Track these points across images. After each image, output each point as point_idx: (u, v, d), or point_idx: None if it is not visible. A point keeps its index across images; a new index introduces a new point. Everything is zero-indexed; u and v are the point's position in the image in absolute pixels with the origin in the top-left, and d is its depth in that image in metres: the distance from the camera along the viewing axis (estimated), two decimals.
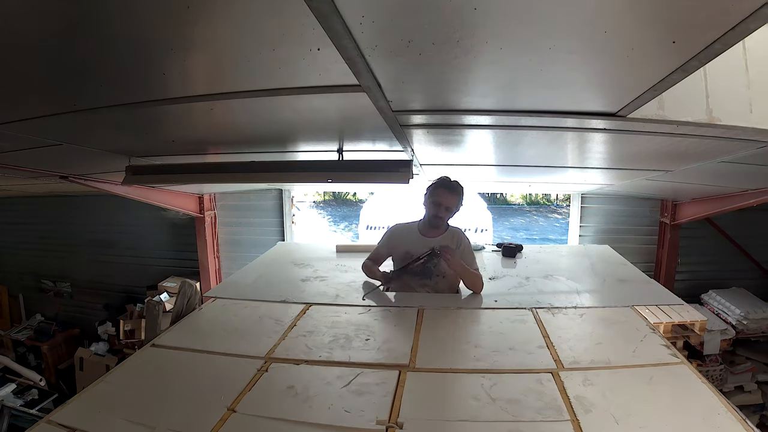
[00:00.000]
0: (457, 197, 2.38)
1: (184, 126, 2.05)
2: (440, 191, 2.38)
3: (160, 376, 1.69)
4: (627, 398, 1.43)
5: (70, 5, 0.92)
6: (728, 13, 0.83)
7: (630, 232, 4.60)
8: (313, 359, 1.74)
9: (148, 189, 3.92)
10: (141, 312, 4.77)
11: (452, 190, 2.37)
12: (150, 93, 1.47)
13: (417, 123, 1.79)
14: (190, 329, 2.13)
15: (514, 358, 1.73)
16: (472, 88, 1.39)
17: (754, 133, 1.57)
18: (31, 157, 2.41)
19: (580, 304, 2.31)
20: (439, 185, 2.40)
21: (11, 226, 5.87)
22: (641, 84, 1.24)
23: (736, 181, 2.96)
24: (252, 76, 1.33)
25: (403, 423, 1.32)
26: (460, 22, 0.92)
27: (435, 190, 2.39)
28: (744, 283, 4.32)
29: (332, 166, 2.33)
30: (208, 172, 2.60)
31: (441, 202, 2.37)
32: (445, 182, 2.40)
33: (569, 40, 1.01)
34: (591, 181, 3.73)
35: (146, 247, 5.33)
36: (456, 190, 2.38)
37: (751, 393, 3.96)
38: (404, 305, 2.28)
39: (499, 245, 3.43)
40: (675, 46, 0.99)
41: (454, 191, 2.38)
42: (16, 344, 5.50)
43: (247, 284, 2.74)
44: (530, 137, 2.08)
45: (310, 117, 1.80)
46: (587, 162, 2.78)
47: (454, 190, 2.38)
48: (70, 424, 1.34)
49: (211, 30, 1.05)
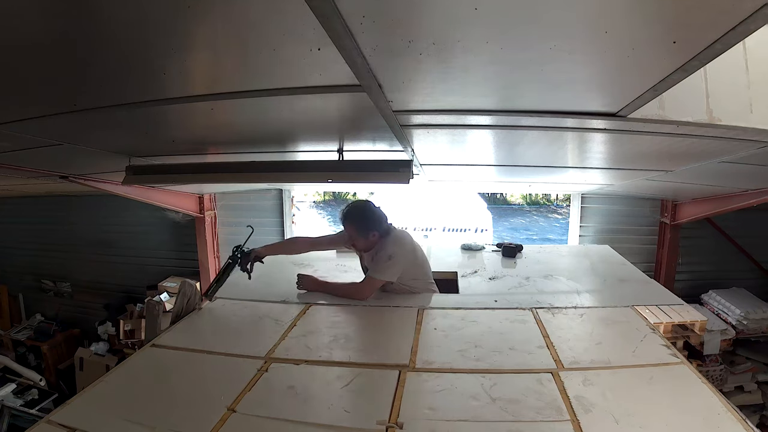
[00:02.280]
0: (351, 226, 2.41)
1: (184, 126, 2.05)
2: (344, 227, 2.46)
3: (160, 376, 1.69)
4: (627, 398, 1.43)
5: (70, 5, 0.92)
6: (729, 14, 0.83)
7: (630, 232, 4.60)
8: (313, 359, 1.74)
9: (148, 189, 3.93)
10: (141, 312, 4.77)
11: (344, 222, 2.44)
12: (150, 93, 1.46)
13: (417, 123, 1.79)
14: (190, 329, 2.13)
15: (514, 358, 1.73)
16: (472, 88, 1.39)
17: (755, 133, 1.57)
18: (31, 157, 2.41)
19: (580, 304, 2.31)
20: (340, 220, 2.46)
21: (11, 226, 5.87)
22: (641, 84, 1.24)
23: (737, 181, 2.96)
24: (252, 76, 1.33)
25: (403, 423, 1.32)
26: (460, 22, 0.92)
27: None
28: (744, 283, 4.32)
29: (332, 166, 2.33)
30: (208, 172, 2.59)
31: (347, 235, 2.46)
32: (341, 217, 2.45)
33: (570, 40, 1.01)
34: (591, 181, 3.73)
35: (146, 247, 5.34)
36: (348, 220, 2.42)
37: (751, 393, 3.97)
38: (404, 305, 2.28)
39: (499, 245, 3.43)
40: (675, 46, 0.99)
41: (347, 223, 2.42)
42: (16, 344, 5.51)
43: (247, 284, 2.74)
44: (530, 137, 2.08)
45: (310, 117, 1.80)
46: (587, 162, 2.78)
47: (346, 222, 2.43)
48: (70, 424, 1.34)
49: (212, 30, 1.05)
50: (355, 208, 2.44)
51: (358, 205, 2.47)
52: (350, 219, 2.41)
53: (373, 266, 2.38)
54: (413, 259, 2.44)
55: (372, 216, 2.39)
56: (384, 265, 2.33)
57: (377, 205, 2.46)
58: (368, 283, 2.36)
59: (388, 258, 2.33)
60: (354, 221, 2.40)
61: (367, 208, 2.43)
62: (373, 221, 2.38)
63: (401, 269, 2.36)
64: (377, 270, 2.34)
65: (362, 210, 2.42)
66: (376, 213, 2.40)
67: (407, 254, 2.42)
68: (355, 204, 2.48)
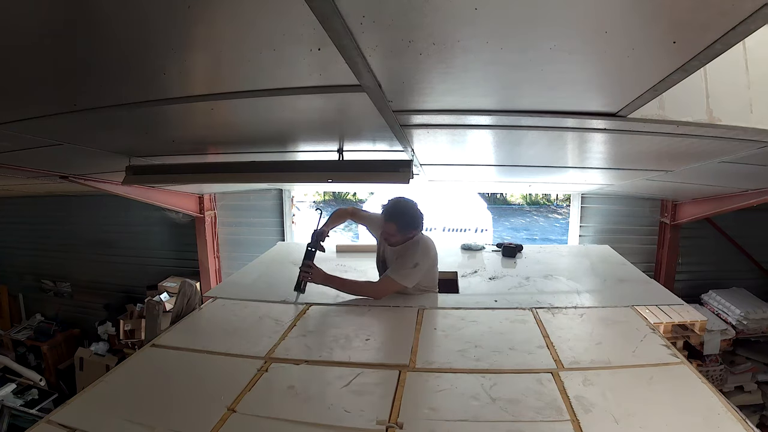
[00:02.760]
0: (394, 222, 2.36)
1: (184, 126, 2.05)
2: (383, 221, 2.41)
3: (160, 376, 1.69)
4: (627, 398, 1.43)
5: (70, 5, 0.92)
6: (729, 14, 0.83)
7: (630, 232, 4.60)
8: (313, 359, 1.74)
9: (148, 189, 3.93)
10: (141, 312, 4.77)
11: (387, 220, 2.38)
12: (150, 93, 1.46)
13: (417, 123, 1.79)
14: (190, 329, 2.13)
15: (514, 358, 1.73)
16: (472, 88, 1.39)
17: (755, 133, 1.57)
18: (31, 157, 2.41)
19: (580, 304, 2.31)
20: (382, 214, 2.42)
21: (11, 226, 5.87)
22: (641, 84, 1.24)
23: (737, 181, 2.96)
24: (252, 76, 1.33)
25: (403, 423, 1.32)
26: (460, 22, 0.92)
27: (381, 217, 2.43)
28: (744, 283, 4.32)
29: (332, 166, 2.33)
30: (208, 172, 2.60)
31: (383, 228, 2.41)
32: (384, 212, 2.40)
33: (570, 40, 1.01)
34: (591, 181, 3.73)
35: (146, 247, 5.34)
36: (392, 218, 2.37)
37: (751, 393, 3.96)
38: (404, 305, 2.28)
39: (499, 245, 3.43)
40: (675, 46, 0.99)
41: (390, 220, 2.37)
42: (16, 344, 5.51)
43: (247, 284, 2.74)
44: (530, 137, 2.08)
45: (310, 117, 1.80)
46: (587, 162, 2.78)
47: (389, 219, 2.37)
48: (70, 424, 1.34)
49: (212, 30, 1.05)
50: (403, 205, 2.40)
51: (406, 203, 2.41)
52: (395, 215, 2.37)
53: (396, 267, 2.36)
54: (430, 268, 2.45)
55: (417, 216, 2.39)
56: (408, 271, 2.32)
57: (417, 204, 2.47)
58: (387, 284, 2.36)
59: (414, 265, 2.32)
60: (399, 218, 2.36)
61: (413, 207, 2.41)
62: (416, 222, 2.39)
63: (420, 278, 2.37)
64: (400, 274, 2.33)
65: (410, 209, 2.39)
66: (420, 214, 2.40)
67: (430, 265, 2.43)
68: (402, 201, 2.42)
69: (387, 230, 2.38)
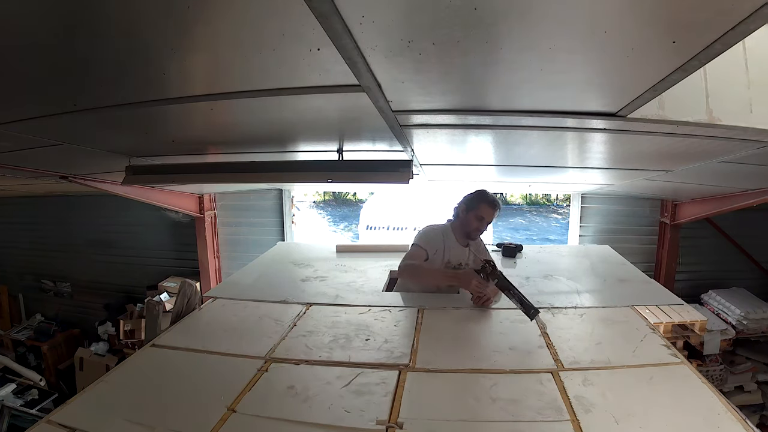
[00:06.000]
0: (494, 212, 2.45)
1: (184, 126, 2.05)
2: (485, 208, 2.41)
3: (160, 376, 1.69)
4: (627, 398, 1.43)
5: (70, 5, 0.92)
6: (728, 14, 0.83)
7: (630, 232, 4.60)
8: (313, 359, 1.74)
9: (148, 189, 3.93)
10: (141, 312, 4.77)
11: (495, 208, 2.44)
12: (150, 93, 1.46)
13: (417, 123, 1.79)
14: (190, 329, 2.13)
15: (514, 358, 1.73)
16: (472, 88, 1.39)
17: (755, 133, 1.57)
18: (31, 157, 2.41)
19: (580, 304, 2.31)
20: (483, 201, 2.42)
21: (11, 226, 5.87)
22: (641, 84, 1.24)
23: (737, 181, 2.96)
24: (252, 76, 1.33)
25: (403, 423, 1.32)
26: (460, 22, 0.92)
27: (480, 205, 2.41)
28: (744, 283, 4.32)
29: (332, 166, 2.33)
30: (208, 172, 2.59)
31: (485, 218, 2.41)
32: (490, 200, 2.43)
33: (569, 40, 1.01)
34: (591, 181, 3.73)
35: (146, 247, 5.34)
36: (498, 206, 2.46)
37: (751, 393, 3.96)
38: (404, 305, 2.28)
39: (499, 245, 3.43)
40: (675, 46, 0.99)
41: (497, 208, 2.45)
42: (16, 344, 5.51)
43: (247, 284, 2.74)
44: (530, 137, 2.08)
45: (310, 117, 1.80)
46: (587, 162, 2.78)
47: (496, 207, 2.45)
48: (70, 424, 1.34)
49: (212, 30, 1.05)
50: (496, 199, 2.47)
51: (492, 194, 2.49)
52: (499, 206, 2.47)
53: (485, 253, 2.59)
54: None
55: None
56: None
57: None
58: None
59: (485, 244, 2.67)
60: (498, 208, 2.45)
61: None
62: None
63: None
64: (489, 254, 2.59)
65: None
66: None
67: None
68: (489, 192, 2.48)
69: (492, 218, 2.45)
